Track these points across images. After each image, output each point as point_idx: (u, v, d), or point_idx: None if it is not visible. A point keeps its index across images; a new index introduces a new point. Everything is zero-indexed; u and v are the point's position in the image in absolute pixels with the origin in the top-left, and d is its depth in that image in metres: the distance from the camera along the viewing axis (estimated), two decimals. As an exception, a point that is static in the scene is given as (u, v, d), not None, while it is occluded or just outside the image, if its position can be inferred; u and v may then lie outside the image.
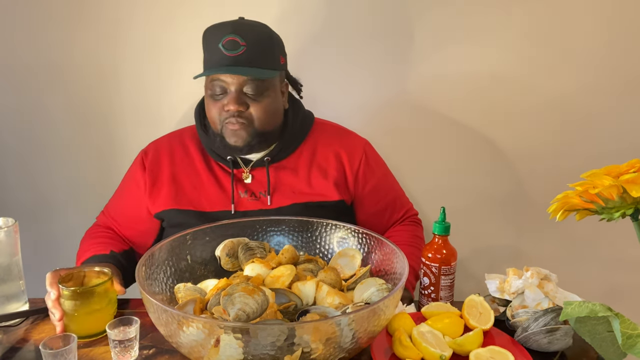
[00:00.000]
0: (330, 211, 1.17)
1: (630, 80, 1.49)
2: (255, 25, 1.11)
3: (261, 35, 1.09)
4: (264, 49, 1.08)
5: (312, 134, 1.23)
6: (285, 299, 0.83)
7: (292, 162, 1.19)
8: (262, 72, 1.07)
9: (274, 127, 1.15)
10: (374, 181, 1.23)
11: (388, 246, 0.93)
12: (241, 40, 1.05)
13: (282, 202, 1.16)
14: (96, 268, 0.97)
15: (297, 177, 1.18)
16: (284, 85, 1.18)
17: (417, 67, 1.50)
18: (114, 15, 1.48)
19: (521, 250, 1.64)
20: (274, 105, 1.13)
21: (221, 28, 1.08)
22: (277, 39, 1.14)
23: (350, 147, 1.22)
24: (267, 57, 1.09)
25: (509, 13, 1.45)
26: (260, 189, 1.17)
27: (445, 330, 0.88)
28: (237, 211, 1.15)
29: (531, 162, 1.56)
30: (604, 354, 0.67)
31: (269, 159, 1.17)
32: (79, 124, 1.57)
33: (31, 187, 1.63)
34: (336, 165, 1.19)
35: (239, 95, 1.08)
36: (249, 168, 1.18)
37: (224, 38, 1.06)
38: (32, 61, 1.52)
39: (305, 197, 1.16)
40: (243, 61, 1.06)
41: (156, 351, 0.88)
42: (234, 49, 1.05)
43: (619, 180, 0.61)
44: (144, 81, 1.53)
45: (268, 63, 1.09)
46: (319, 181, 1.18)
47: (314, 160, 1.20)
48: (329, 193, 1.17)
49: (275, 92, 1.13)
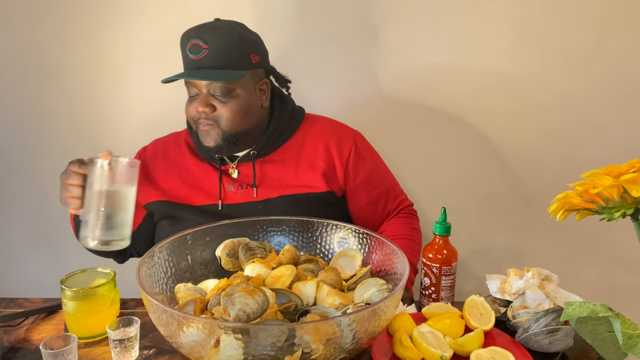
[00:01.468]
0: (319, 203, 1.18)
1: (630, 80, 1.49)
2: (220, 27, 1.11)
3: (225, 36, 1.09)
4: (228, 51, 1.09)
5: (302, 128, 1.24)
6: (286, 299, 0.83)
7: (279, 156, 1.21)
8: (223, 73, 1.08)
9: (246, 126, 1.15)
10: (365, 171, 1.23)
11: (388, 246, 0.93)
12: (203, 43, 1.08)
13: (269, 195, 1.17)
14: (99, 268, 0.98)
15: (284, 169, 1.19)
16: (261, 84, 1.18)
17: (417, 65, 1.50)
18: (114, 15, 1.49)
19: (522, 251, 1.63)
20: (244, 105, 1.13)
21: (189, 32, 1.11)
22: (247, 39, 1.13)
23: (339, 139, 1.23)
24: (232, 59, 1.10)
25: (511, 10, 1.45)
26: (247, 182, 1.19)
27: (445, 330, 0.88)
28: (225, 204, 1.17)
29: (531, 162, 1.56)
30: (605, 354, 0.67)
31: (255, 153, 1.19)
32: (79, 124, 1.58)
33: (31, 187, 1.63)
34: (325, 157, 1.20)
35: (206, 97, 1.12)
36: (235, 163, 1.20)
37: (189, 42, 1.09)
38: (32, 61, 1.53)
39: (293, 189, 1.18)
40: (206, 64, 1.08)
41: (156, 351, 0.88)
42: (197, 52, 1.08)
43: (619, 180, 0.61)
44: (144, 81, 1.53)
45: (233, 64, 1.10)
46: (307, 173, 1.19)
47: (301, 153, 1.21)
48: (317, 184, 1.18)
49: (247, 92, 1.13)
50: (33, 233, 1.67)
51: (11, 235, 1.68)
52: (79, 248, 1.50)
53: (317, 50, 1.50)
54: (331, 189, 1.19)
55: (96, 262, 1.20)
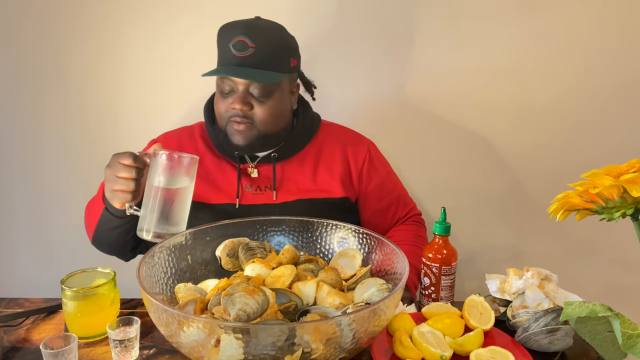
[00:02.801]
0: (334, 209, 1.19)
1: (630, 79, 1.49)
2: (268, 27, 1.11)
3: (272, 37, 1.10)
4: (273, 52, 1.09)
5: (319, 134, 1.25)
6: (286, 299, 0.83)
7: (298, 159, 1.21)
8: (268, 75, 1.08)
9: (279, 128, 1.16)
10: (377, 179, 1.24)
11: (388, 246, 0.93)
12: (250, 41, 1.06)
13: (287, 198, 1.17)
14: (99, 268, 0.98)
15: (302, 173, 1.20)
16: (294, 86, 1.19)
17: (418, 66, 1.50)
18: (115, 15, 1.48)
19: (521, 251, 1.64)
20: (280, 107, 1.14)
21: (234, 27, 1.09)
22: (290, 42, 1.14)
23: (355, 145, 1.24)
24: (276, 60, 1.09)
25: (510, 14, 1.45)
26: (266, 183, 1.18)
27: (445, 330, 0.88)
28: (242, 205, 1.16)
29: (531, 162, 1.56)
30: (605, 354, 0.67)
31: (275, 155, 1.18)
32: (79, 123, 1.57)
33: (31, 187, 1.63)
34: (342, 162, 1.21)
35: (245, 95, 1.10)
36: (255, 163, 1.19)
37: (234, 38, 1.07)
38: (31, 61, 1.52)
39: (310, 194, 1.18)
40: (250, 63, 1.07)
41: (157, 351, 0.88)
42: (243, 49, 1.06)
43: (620, 180, 0.61)
44: (145, 81, 1.53)
45: (276, 66, 1.09)
46: (324, 178, 1.20)
47: (320, 157, 1.22)
48: (334, 189, 1.19)
49: (282, 94, 1.14)
50: (33, 233, 1.67)
51: (11, 235, 1.67)
52: (79, 248, 1.51)
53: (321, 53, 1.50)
54: (347, 194, 1.20)
55: (96, 262, 1.19)
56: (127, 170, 0.97)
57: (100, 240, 1.17)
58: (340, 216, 1.05)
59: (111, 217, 1.07)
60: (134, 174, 0.97)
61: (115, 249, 1.19)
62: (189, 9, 1.47)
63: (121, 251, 1.20)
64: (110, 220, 1.08)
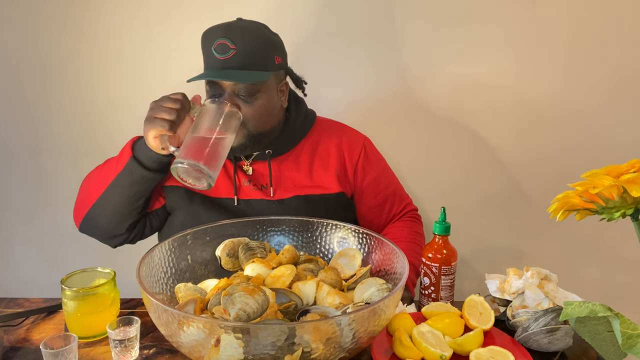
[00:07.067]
0: (331, 204, 1.19)
1: (630, 80, 1.49)
2: (248, 27, 1.11)
3: (253, 37, 1.09)
4: (255, 51, 1.09)
5: (314, 130, 1.25)
6: (286, 299, 0.83)
7: (294, 156, 1.21)
8: (252, 75, 1.08)
9: (269, 127, 1.16)
10: (372, 174, 1.25)
11: (388, 246, 0.93)
12: (231, 43, 1.07)
13: (284, 195, 1.18)
14: (99, 268, 0.98)
15: (298, 170, 1.20)
16: (282, 84, 1.19)
17: (418, 66, 1.50)
18: (113, 15, 1.49)
19: (521, 250, 1.64)
20: (268, 106, 1.14)
21: (214, 31, 1.10)
22: (272, 40, 1.14)
23: (350, 140, 1.25)
24: (259, 59, 1.10)
25: (511, 13, 1.45)
26: (262, 181, 1.19)
27: (445, 330, 0.88)
28: (241, 199, 1.17)
29: (531, 162, 1.56)
30: (604, 354, 0.67)
31: (270, 152, 1.19)
32: (78, 123, 1.58)
33: (31, 187, 1.63)
34: (337, 157, 1.22)
35: (232, 97, 1.10)
36: (250, 161, 1.20)
37: (215, 41, 1.08)
38: (31, 61, 1.53)
39: (307, 190, 1.19)
40: (233, 64, 1.08)
41: (157, 351, 0.88)
42: (224, 52, 1.07)
43: (619, 180, 0.61)
44: (144, 81, 1.53)
45: (260, 65, 1.10)
46: (320, 173, 1.20)
47: (315, 153, 1.22)
48: (330, 185, 1.19)
49: (270, 93, 1.14)
50: (33, 233, 1.67)
51: (11, 235, 1.68)
52: (79, 248, 1.51)
53: (317, 51, 1.50)
54: (343, 189, 1.21)
55: (96, 262, 1.20)
56: (172, 101, 1.01)
57: (101, 209, 1.13)
58: (337, 212, 1.05)
59: (137, 166, 1.08)
60: (179, 105, 1.01)
61: (112, 221, 1.14)
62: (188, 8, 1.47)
63: (118, 225, 1.15)
64: (134, 171, 1.08)
